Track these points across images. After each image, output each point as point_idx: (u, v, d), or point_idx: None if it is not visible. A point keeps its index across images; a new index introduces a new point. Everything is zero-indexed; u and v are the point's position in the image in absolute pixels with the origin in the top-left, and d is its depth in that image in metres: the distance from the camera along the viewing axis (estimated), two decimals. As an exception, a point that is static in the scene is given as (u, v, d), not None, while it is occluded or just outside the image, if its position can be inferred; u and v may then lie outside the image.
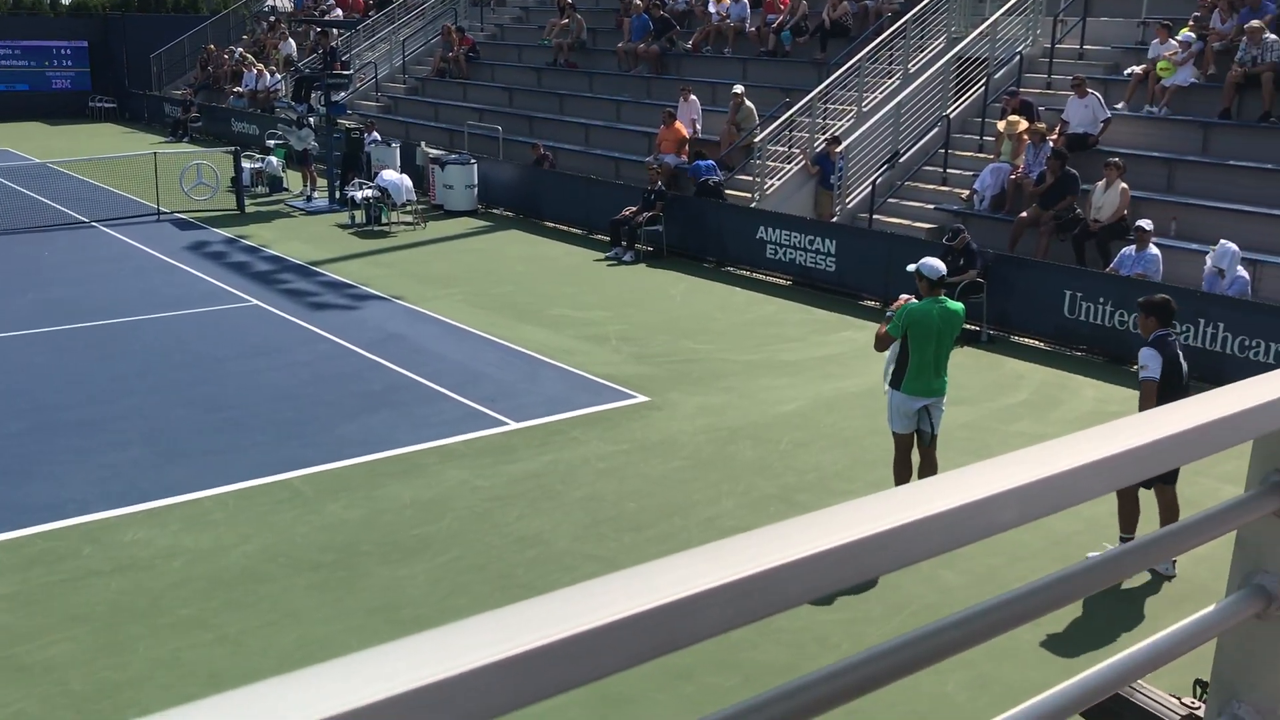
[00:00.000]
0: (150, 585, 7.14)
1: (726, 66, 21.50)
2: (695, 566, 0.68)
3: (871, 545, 0.74)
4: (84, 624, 6.67)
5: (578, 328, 13.41)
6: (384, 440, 9.69)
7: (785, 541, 0.72)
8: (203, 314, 13.74)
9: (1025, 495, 0.85)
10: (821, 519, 0.75)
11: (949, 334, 7.81)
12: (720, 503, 8.62)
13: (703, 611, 0.66)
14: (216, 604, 6.94)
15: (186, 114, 31.87)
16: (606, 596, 0.63)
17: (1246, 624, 1.29)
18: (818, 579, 0.73)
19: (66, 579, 7.19)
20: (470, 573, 7.42)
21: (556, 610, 0.61)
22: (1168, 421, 1.01)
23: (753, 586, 0.68)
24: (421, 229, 19.31)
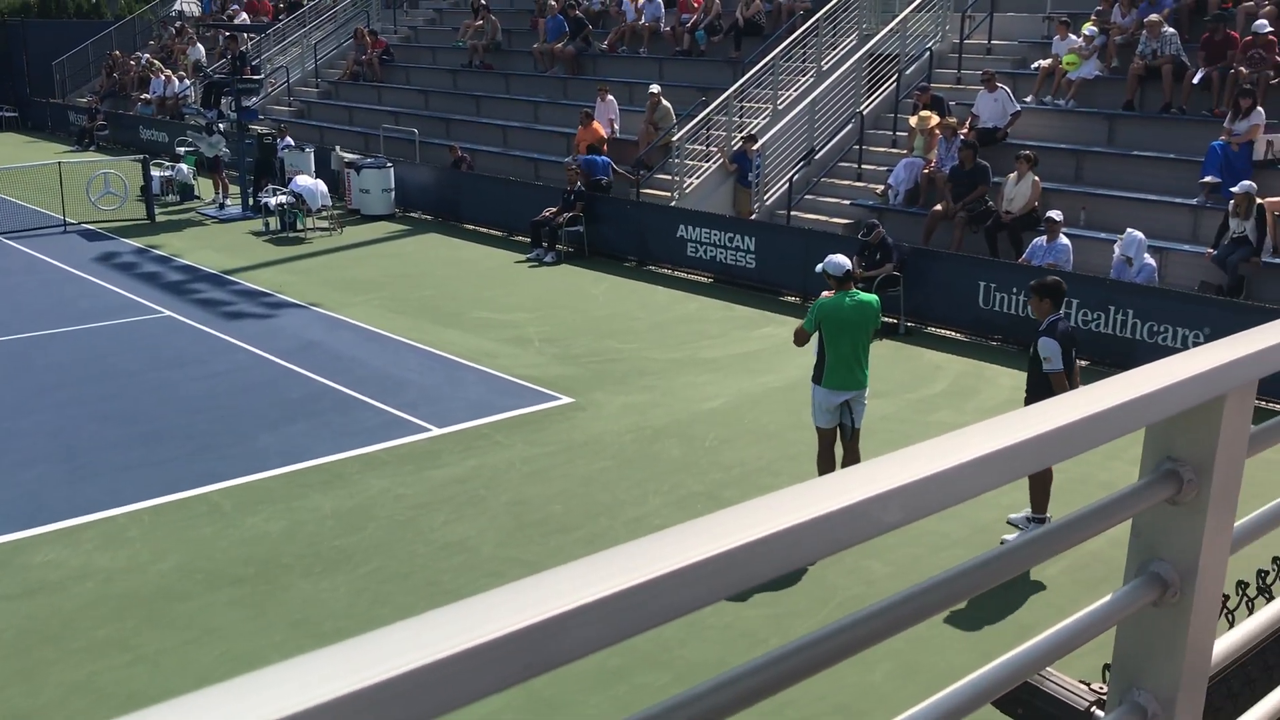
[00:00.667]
0: (63, 607, 6.93)
1: (642, 66, 21.53)
2: (565, 583, 0.67)
3: (752, 551, 0.73)
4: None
5: (500, 330, 13.33)
6: (304, 450, 9.53)
7: (660, 553, 0.71)
8: (114, 326, 13.40)
9: (909, 494, 0.85)
10: (700, 527, 0.74)
11: (864, 326, 7.89)
12: (647, 502, 8.62)
13: (573, 631, 0.64)
14: (133, 624, 6.76)
15: (92, 122, 31.05)
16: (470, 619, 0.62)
17: (1144, 611, 1.31)
18: (695, 591, 0.72)
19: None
20: (394, 582, 7.33)
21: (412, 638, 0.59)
22: (1056, 413, 1.02)
23: (625, 603, 0.67)
24: (338, 234, 19.04)
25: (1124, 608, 1.30)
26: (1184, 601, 1.30)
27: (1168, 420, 1.25)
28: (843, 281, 7.90)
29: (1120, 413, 1.07)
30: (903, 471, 0.85)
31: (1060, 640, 1.24)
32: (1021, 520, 7.95)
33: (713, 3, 21.11)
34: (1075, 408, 1.03)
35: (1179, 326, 11.25)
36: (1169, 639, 1.32)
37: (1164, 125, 14.87)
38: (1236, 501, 1.35)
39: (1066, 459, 1.05)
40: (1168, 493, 1.28)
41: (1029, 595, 7.10)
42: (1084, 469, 8.57)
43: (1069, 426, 1.01)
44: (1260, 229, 12.24)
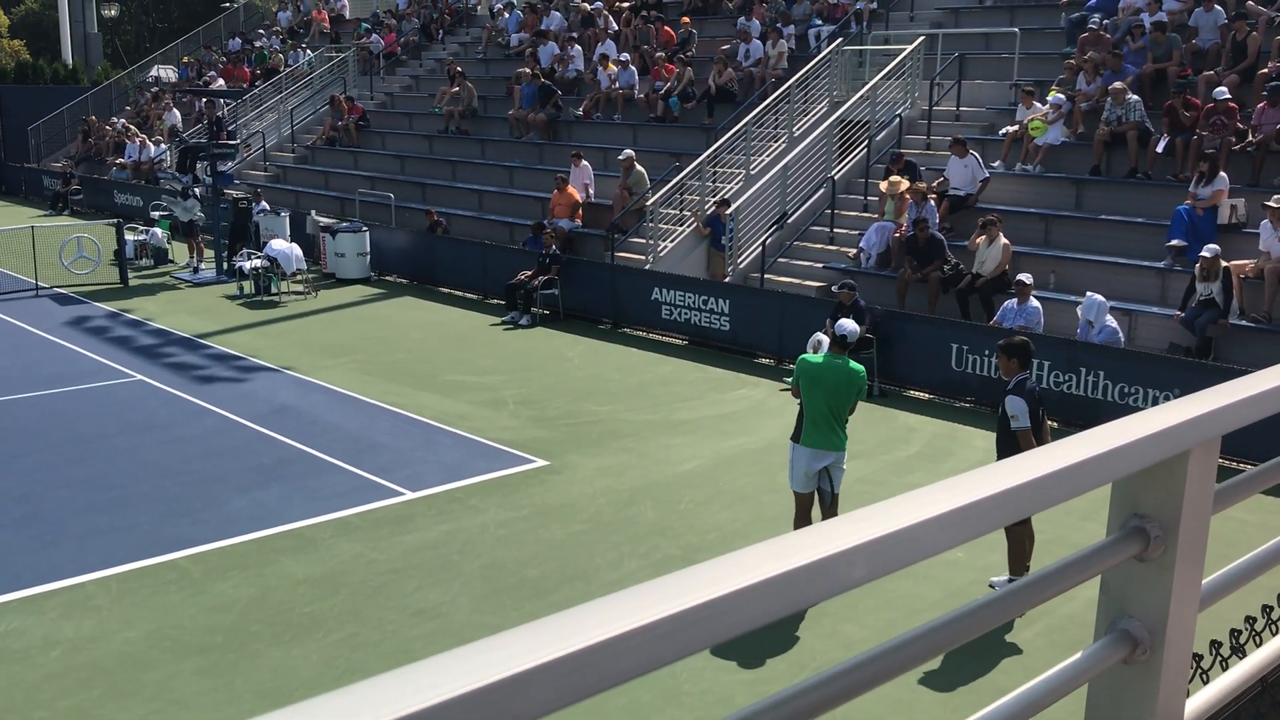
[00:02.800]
0: (25, 678, 6.78)
1: (617, 132, 21.77)
2: (526, 642, 0.66)
3: (718, 607, 0.73)
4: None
5: (474, 393, 13.30)
6: (275, 515, 9.43)
7: (622, 611, 0.70)
8: (84, 390, 13.28)
9: (874, 551, 0.86)
10: (667, 584, 0.74)
11: (842, 390, 7.91)
12: (623, 565, 8.56)
13: (534, 689, 0.63)
14: (98, 694, 6.62)
15: (66, 186, 31.02)
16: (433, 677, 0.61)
17: (1114, 669, 1.31)
18: (658, 648, 0.71)
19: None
20: (365, 649, 7.22)
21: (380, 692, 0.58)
22: (1021, 469, 1.02)
23: (586, 660, 0.67)
24: (313, 298, 19.02)
25: (1094, 665, 1.29)
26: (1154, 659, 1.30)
27: (1133, 476, 1.26)
28: (835, 343, 8.01)
29: (1086, 468, 1.08)
30: (868, 528, 0.85)
31: (1032, 699, 1.23)
32: (1002, 584, 7.95)
33: (685, 71, 21.42)
34: (1041, 463, 1.03)
35: (1149, 388, 11.35)
36: (1140, 696, 1.32)
37: (1130, 190, 15.13)
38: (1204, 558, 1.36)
39: (1032, 514, 1.06)
40: (1135, 549, 1.29)
41: (1004, 658, 7.08)
42: (1059, 530, 8.58)
43: (1034, 482, 1.01)
44: (1227, 291, 12.42)
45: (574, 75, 24.00)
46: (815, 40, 21.16)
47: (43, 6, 67.57)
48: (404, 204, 22.73)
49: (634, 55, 23.05)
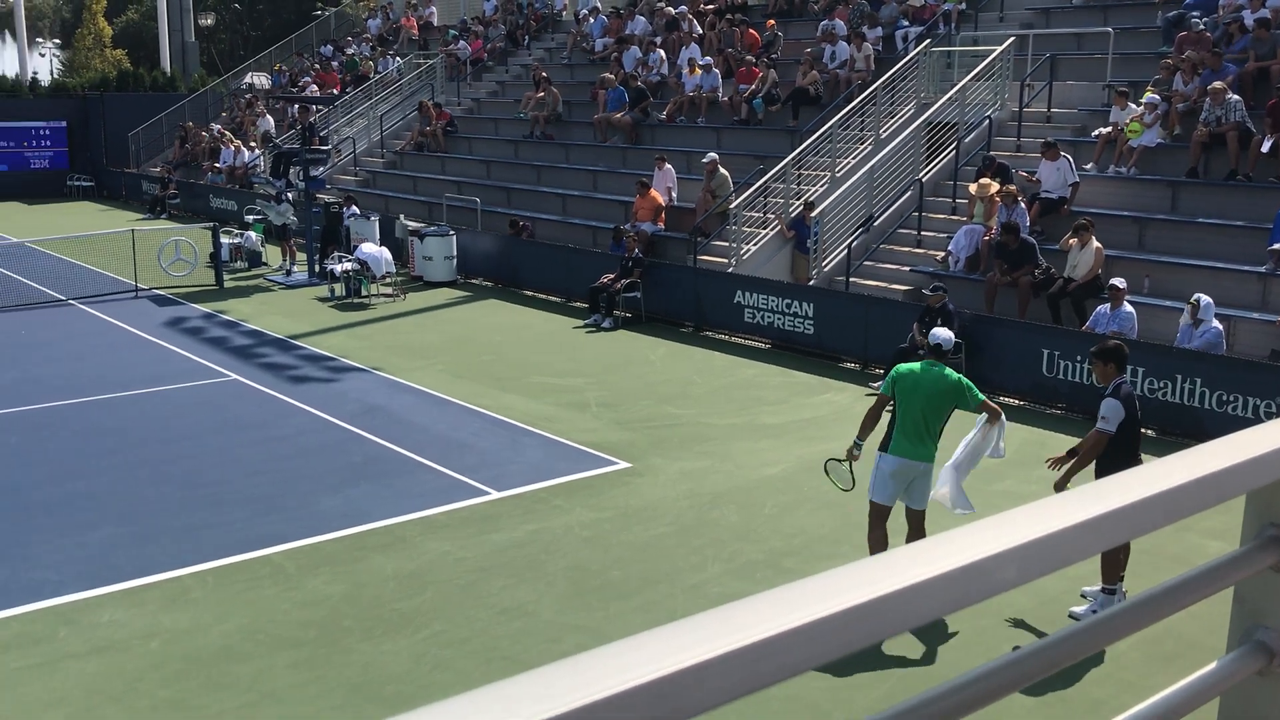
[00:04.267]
0: (127, 667, 7.00)
1: (700, 135, 21.78)
2: (696, 634, 0.67)
3: (876, 609, 0.73)
4: (60, 709, 6.52)
5: (558, 395, 13.39)
6: (365, 513, 9.59)
7: (786, 608, 0.70)
8: (181, 390, 13.65)
9: (1024, 555, 0.84)
10: (823, 583, 0.74)
11: (938, 399, 7.68)
12: (706, 569, 8.55)
13: (705, 682, 0.64)
14: (195, 685, 6.80)
15: (164, 191, 31.94)
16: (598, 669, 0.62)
17: (1249, 682, 1.27)
18: (823, 645, 0.71)
19: (42, 663, 7.04)
20: (453, 647, 7.31)
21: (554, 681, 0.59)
22: (1162, 477, 1.00)
23: (756, 654, 0.67)
24: (401, 301, 19.32)
25: (1227, 677, 1.26)
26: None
27: (1271, 485, 1.22)
28: (933, 351, 7.91)
29: (1226, 477, 1.05)
30: (1019, 532, 0.84)
31: (1162, 712, 1.20)
32: (1094, 593, 7.78)
33: (769, 73, 21.34)
34: (1181, 471, 1.01)
35: (1249, 395, 11.02)
36: (1276, 709, 1.28)
37: (1229, 192, 14.70)
38: (1344, 567, 1.31)
39: (1172, 522, 1.04)
40: (1271, 559, 1.25)
41: (1094, 669, 6.91)
42: (1155, 540, 8.37)
43: (1175, 490, 0.99)
44: (1332, 296, 12.00)
45: (658, 79, 24.06)
46: (902, 42, 20.94)
47: (143, 17, 69.71)
48: (490, 208, 22.99)
49: (718, 58, 23.04)
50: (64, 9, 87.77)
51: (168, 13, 46.07)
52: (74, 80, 43.10)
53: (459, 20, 34.14)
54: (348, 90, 32.06)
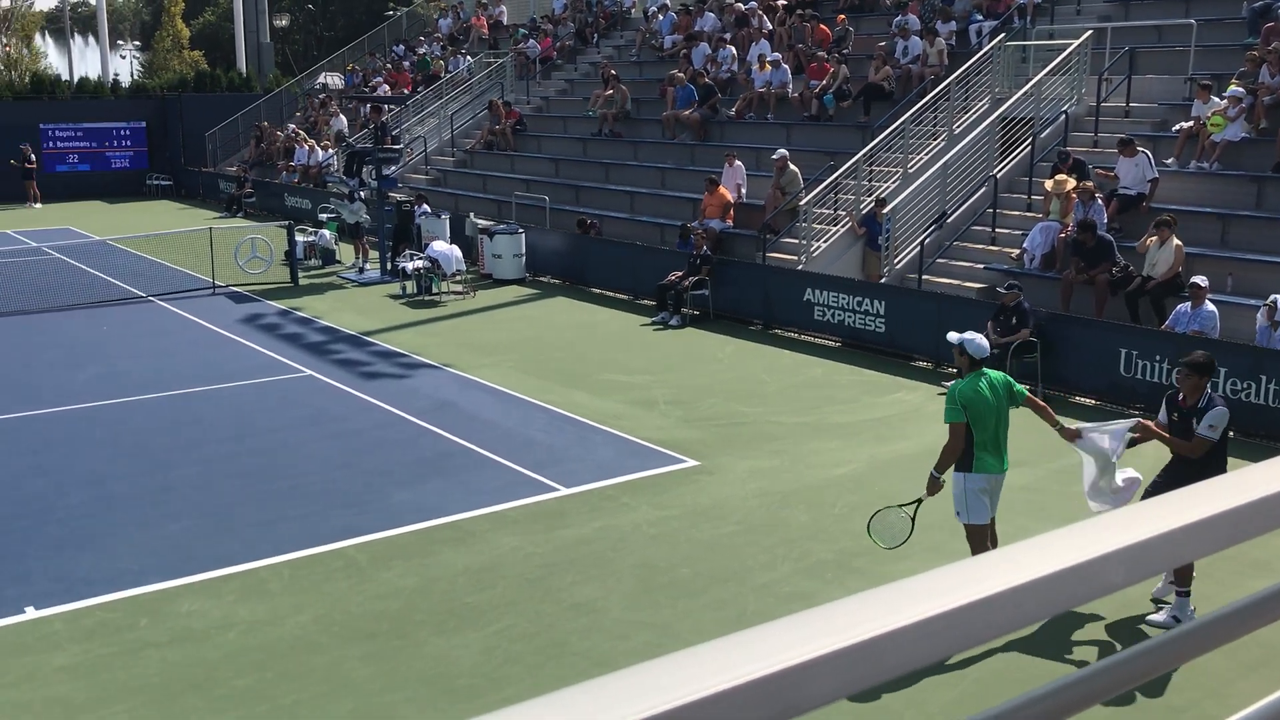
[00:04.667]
0: (206, 656, 7.15)
1: (770, 132, 21.67)
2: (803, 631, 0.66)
3: (981, 609, 0.71)
4: (141, 695, 6.68)
5: (626, 392, 13.41)
6: (437, 507, 9.69)
7: (893, 606, 0.69)
8: (257, 385, 13.91)
9: (1133, 555, 0.82)
10: (928, 582, 0.72)
11: (1005, 407, 7.62)
12: (776, 568, 8.50)
13: (813, 680, 0.63)
14: (271, 675, 6.92)
15: (240, 190, 32.55)
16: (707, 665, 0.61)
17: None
18: (929, 645, 0.70)
19: (124, 650, 7.22)
20: (523, 641, 7.36)
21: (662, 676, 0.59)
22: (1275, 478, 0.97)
23: (866, 652, 0.66)
24: (471, 298, 19.50)
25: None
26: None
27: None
28: (975, 363, 7.69)
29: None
30: (1128, 533, 0.82)
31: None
32: (1166, 592, 7.63)
33: (841, 68, 21.17)
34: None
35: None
36: None
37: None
38: None
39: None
40: None
41: (1175, 675, 6.75)
42: (1237, 545, 8.15)
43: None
44: None
45: (727, 76, 23.99)
46: (976, 36, 20.64)
47: (219, 18, 71.18)
48: (558, 206, 23.10)
49: (788, 54, 22.91)
50: (143, 11, 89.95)
51: (243, 14, 46.96)
52: (153, 81, 44.12)
53: (529, 19, 34.34)
54: (419, 89, 32.41)
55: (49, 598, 7.95)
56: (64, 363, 14.98)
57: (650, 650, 7.22)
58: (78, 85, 40.52)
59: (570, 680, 4.24)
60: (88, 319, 18.01)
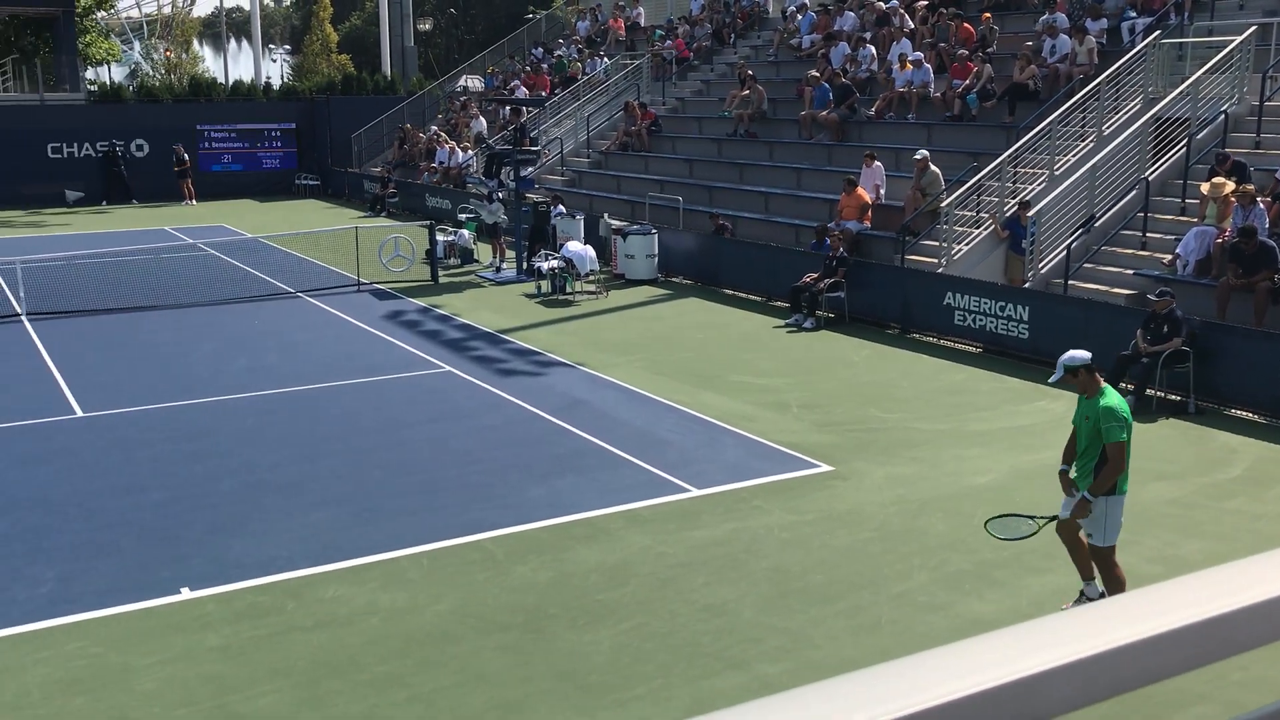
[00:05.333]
0: (348, 641, 7.36)
1: (910, 132, 21.27)
2: (1050, 637, 0.62)
3: (1230, 623, 0.66)
4: (287, 677, 6.91)
5: (758, 395, 13.33)
6: (570, 504, 9.79)
7: (1140, 615, 0.65)
8: (399, 379, 14.27)
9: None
10: (1174, 592, 0.68)
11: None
12: (912, 577, 8.34)
13: (1060, 686, 0.60)
14: (411, 662, 7.09)
15: (384, 190, 33.47)
16: (955, 667, 0.58)
17: None
18: (1177, 656, 0.66)
19: (271, 633, 7.48)
20: (654, 640, 7.37)
21: (912, 675, 0.56)
22: None
23: (1108, 662, 0.62)
24: (604, 298, 19.66)
25: None
26: None
27: None
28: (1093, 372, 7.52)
29: None
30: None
31: None
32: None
33: (984, 68, 20.65)
34: None
35: None
36: None
37: None
38: None
39: None
40: None
41: None
42: None
43: None
44: None
45: (866, 75, 23.65)
46: (1129, 34, 19.89)
47: (365, 22, 73.40)
48: (691, 207, 23.11)
49: (930, 53, 22.46)
50: (294, 16, 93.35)
51: (389, 18, 48.30)
52: (302, 84, 45.69)
53: (666, 20, 34.46)
54: (556, 91, 32.84)
55: (203, 580, 8.30)
56: (218, 355, 15.63)
57: (784, 655, 7.16)
58: (232, 88, 42.25)
59: (703, 681, 4.28)
60: (240, 313, 18.75)
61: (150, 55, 70.79)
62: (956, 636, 4.64)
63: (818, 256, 17.86)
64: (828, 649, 7.28)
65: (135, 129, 37.31)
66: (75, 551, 8.83)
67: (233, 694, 6.71)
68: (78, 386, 13.89)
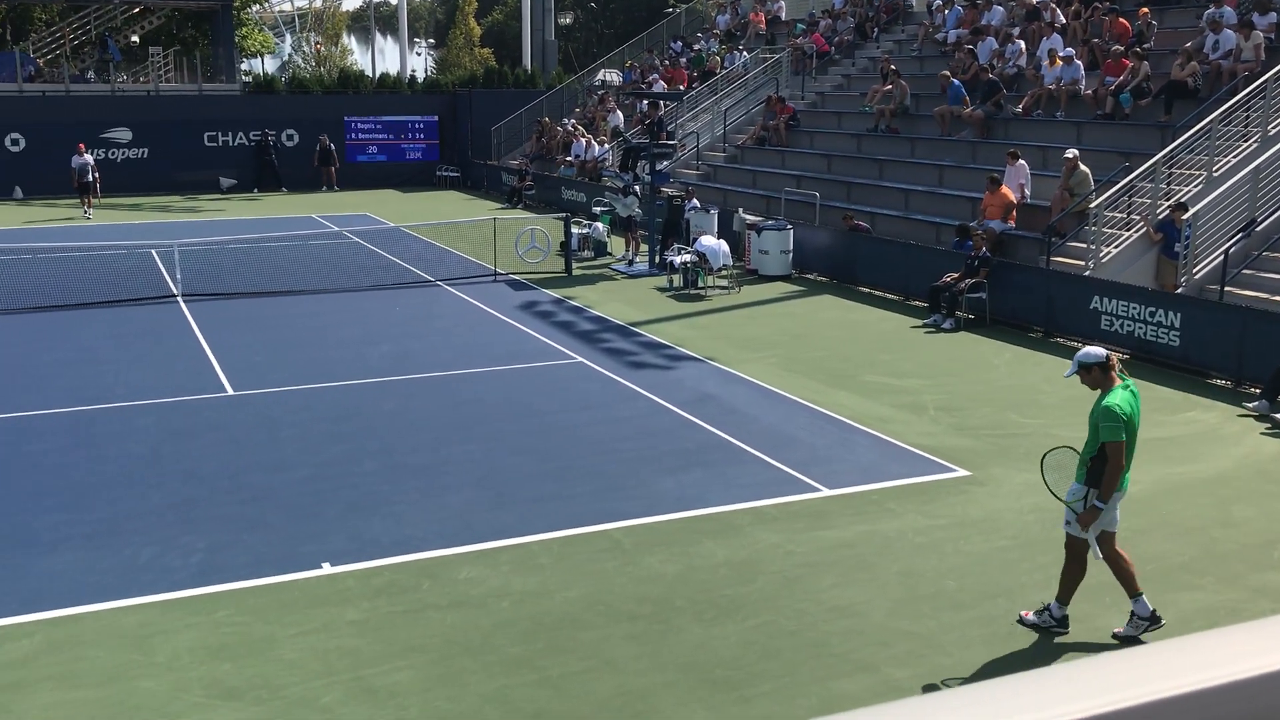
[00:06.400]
0: (481, 622, 7.50)
1: (1059, 130, 20.62)
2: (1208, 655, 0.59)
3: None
4: (422, 654, 7.09)
5: (893, 395, 13.11)
6: (698, 498, 9.79)
7: None
8: (533, 369, 14.48)
9: None
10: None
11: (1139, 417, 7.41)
12: (1050, 587, 8.07)
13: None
14: (540, 646, 7.19)
15: (521, 182, 33.98)
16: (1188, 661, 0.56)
17: None
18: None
19: (407, 610, 7.68)
20: (782, 637, 7.32)
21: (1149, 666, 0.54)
22: None
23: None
24: (736, 293, 19.59)
25: None
26: None
27: None
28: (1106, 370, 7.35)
29: None
30: None
31: None
32: None
33: (1140, 65, 19.88)
34: None
35: None
36: None
37: None
38: None
39: None
40: None
41: None
42: None
43: None
44: None
45: (1014, 71, 23.01)
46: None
47: (507, 16, 74.60)
48: (828, 203, 22.85)
49: (1082, 49, 21.72)
50: (438, 11, 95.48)
51: (531, 12, 48.98)
52: (445, 77, 46.69)
53: (807, 14, 34.13)
54: (694, 85, 32.84)
55: (343, 556, 8.57)
56: (360, 339, 16.10)
57: (913, 660, 7.03)
58: (378, 81, 43.43)
59: (830, 682, 4.23)
60: (382, 300, 19.28)
61: (301, 48, 73.36)
62: (1091, 651, 4.52)
63: (959, 256, 17.47)
64: (959, 656, 7.12)
65: (286, 119, 38.70)
66: (224, 524, 9.21)
67: (369, 668, 6.91)
68: (229, 366, 14.49)
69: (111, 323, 17.21)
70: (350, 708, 6.46)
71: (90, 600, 7.81)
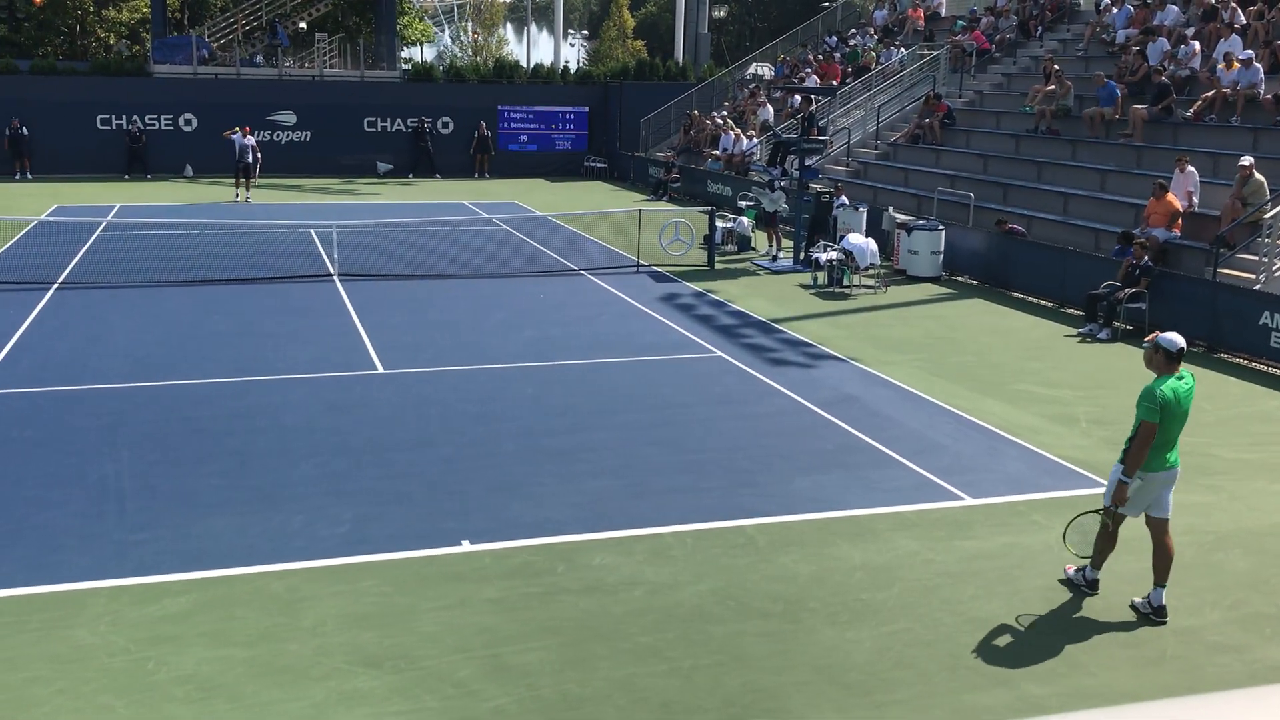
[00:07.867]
0: (613, 609, 7.56)
1: (1233, 136, 19.64)
2: None
3: None
4: (554, 636, 7.18)
5: (1043, 405, 12.70)
6: (835, 500, 9.67)
7: None
8: (673, 360, 14.52)
9: None
10: None
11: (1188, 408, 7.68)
12: (1203, 614, 7.74)
13: None
14: (671, 637, 7.21)
15: (668, 175, 34.06)
16: None
17: None
18: None
19: (542, 592, 7.80)
20: (918, 647, 7.17)
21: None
22: None
23: None
24: (882, 293, 19.26)
25: None
26: None
27: None
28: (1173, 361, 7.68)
29: None
30: None
31: None
32: None
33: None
34: None
35: None
36: None
37: None
38: None
39: None
40: None
41: None
42: None
43: None
44: None
45: (1185, 74, 22.00)
46: None
47: (660, 9, 74.87)
48: (983, 204, 22.26)
49: (1263, 52, 20.63)
50: (593, 2, 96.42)
51: (684, 5, 49.01)
52: (597, 69, 47.10)
53: (968, 10, 33.28)
54: (848, 81, 32.38)
55: (482, 534, 8.74)
56: (507, 325, 16.39)
57: (1054, 678, 6.81)
58: (532, 71, 44.08)
59: (965, 695, 4.14)
60: (527, 286, 19.59)
61: (459, 37, 75.03)
62: (1252, 683, 4.28)
63: (1118, 264, 16.81)
64: (1103, 678, 6.86)
65: (442, 107, 39.64)
66: (370, 496, 9.51)
67: (504, 646, 7.04)
68: (380, 345, 14.93)
69: (273, 298, 17.93)
70: (484, 684, 6.60)
71: (243, 563, 8.16)
